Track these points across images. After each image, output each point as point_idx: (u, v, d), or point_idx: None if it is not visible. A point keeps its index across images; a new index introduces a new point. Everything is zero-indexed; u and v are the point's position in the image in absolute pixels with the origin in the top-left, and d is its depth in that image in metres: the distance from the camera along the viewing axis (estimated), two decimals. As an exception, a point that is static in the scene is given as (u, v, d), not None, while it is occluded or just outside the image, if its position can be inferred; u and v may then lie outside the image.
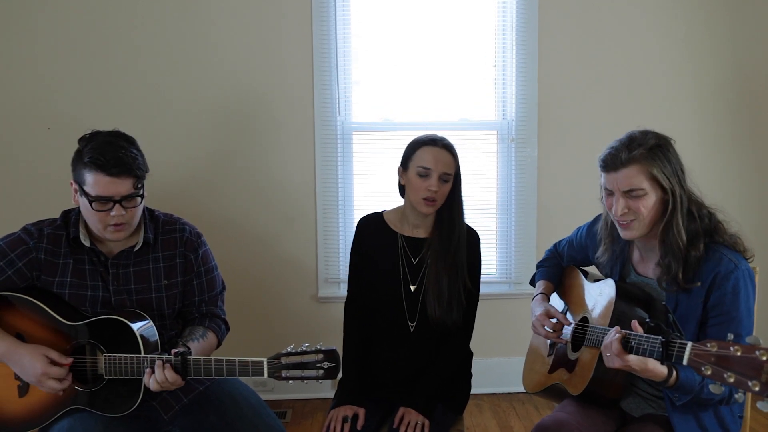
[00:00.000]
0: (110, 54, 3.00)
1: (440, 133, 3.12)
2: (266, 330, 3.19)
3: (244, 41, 3.04)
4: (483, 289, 3.20)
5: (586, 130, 3.13)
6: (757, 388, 1.24)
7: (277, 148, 3.11)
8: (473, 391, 3.24)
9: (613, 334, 1.54)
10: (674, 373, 1.53)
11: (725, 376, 1.29)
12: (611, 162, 1.65)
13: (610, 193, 1.69)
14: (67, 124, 2.96)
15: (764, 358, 1.24)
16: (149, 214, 1.92)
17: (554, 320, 1.92)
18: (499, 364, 3.28)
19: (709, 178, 3.10)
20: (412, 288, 2.02)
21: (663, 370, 1.51)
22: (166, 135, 3.05)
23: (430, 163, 1.94)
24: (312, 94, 3.08)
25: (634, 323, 1.53)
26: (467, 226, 2.08)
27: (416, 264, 2.03)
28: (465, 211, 2.06)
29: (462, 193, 2.04)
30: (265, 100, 3.08)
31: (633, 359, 1.49)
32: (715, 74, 3.17)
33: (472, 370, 3.18)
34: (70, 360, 1.70)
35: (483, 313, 3.28)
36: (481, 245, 3.16)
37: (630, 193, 1.64)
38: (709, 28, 3.14)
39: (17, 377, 1.74)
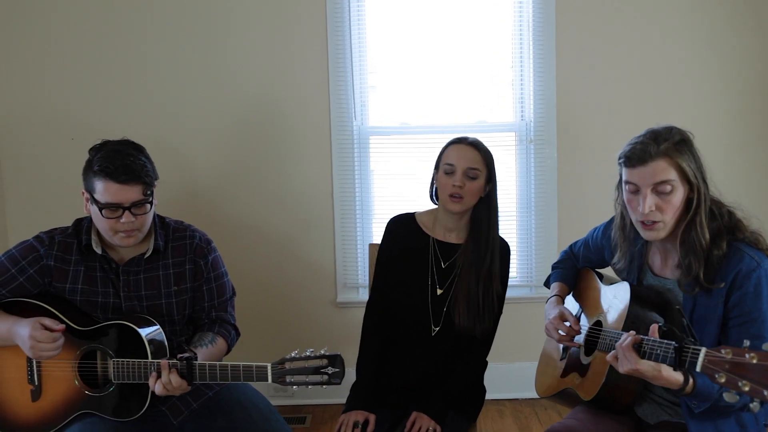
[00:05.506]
0: (130, 66, 3.06)
1: (458, 136, 3.15)
2: (285, 336, 3.20)
3: (260, 47, 3.06)
4: (503, 293, 3.24)
5: (606, 130, 3.07)
6: None
7: (294, 154, 3.12)
8: (495, 396, 3.24)
9: (627, 338, 1.49)
10: (690, 380, 1.47)
11: (740, 384, 1.24)
12: (640, 155, 1.58)
13: (634, 191, 1.62)
14: (90, 134, 3.00)
15: None
16: (160, 221, 1.94)
17: (568, 324, 1.88)
18: (520, 368, 3.21)
19: (735, 178, 3.06)
20: (439, 292, 2.01)
21: (678, 377, 1.46)
22: (185, 143, 3.09)
23: (454, 159, 1.96)
24: (328, 99, 3.09)
25: (653, 327, 1.47)
26: (501, 237, 2.07)
27: (445, 268, 2.02)
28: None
29: (498, 202, 2.04)
30: (281, 106, 3.09)
31: (645, 365, 1.44)
32: (741, 70, 3.06)
33: (494, 375, 3.16)
34: (62, 326, 1.71)
35: (504, 317, 3.23)
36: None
37: (658, 188, 1.58)
38: (733, 24, 3.04)
39: (30, 381, 1.77)
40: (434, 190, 2.06)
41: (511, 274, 3.13)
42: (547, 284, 2.13)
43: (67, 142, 3.08)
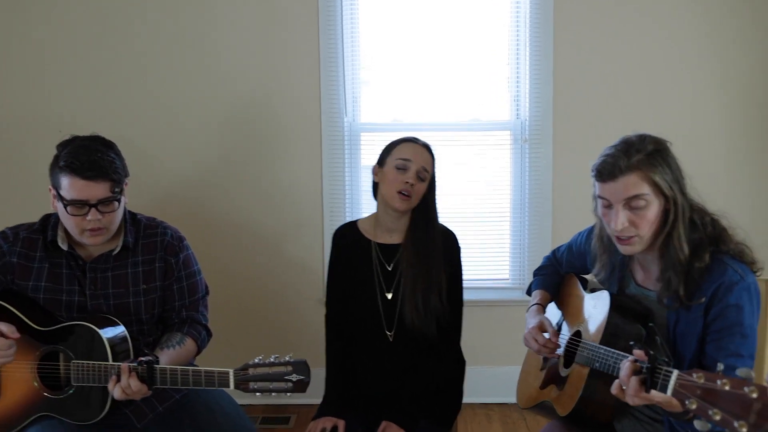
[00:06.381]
0: (117, 61, 3.02)
1: (452, 134, 3.10)
2: (271, 335, 3.16)
3: (250, 41, 3.01)
4: (495, 296, 3.18)
5: (603, 130, 2.97)
6: (744, 430, 1.08)
7: (283, 150, 3.07)
8: (484, 400, 3.18)
9: (627, 368, 1.35)
10: None
11: (710, 412, 1.14)
12: (609, 170, 1.51)
13: (608, 206, 1.55)
14: (79, 130, 2.98)
15: (754, 396, 1.08)
16: (131, 217, 1.89)
17: (547, 334, 1.81)
18: (510, 372, 3.08)
19: (735, 183, 2.96)
20: (389, 296, 1.96)
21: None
22: (172, 139, 3.05)
23: (410, 155, 1.92)
24: (319, 94, 3.03)
25: (641, 353, 1.35)
26: (444, 227, 2.02)
27: (391, 271, 1.97)
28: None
29: (436, 200, 2.00)
30: (270, 100, 3.04)
31: (657, 395, 1.29)
32: (742, 70, 2.97)
33: (483, 379, 3.11)
34: (17, 335, 1.65)
35: (495, 320, 3.21)
36: (492, 249, 3.14)
37: (631, 203, 1.50)
38: (735, 22, 2.94)
39: (-11, 382, 1.73)
40: (375, 186, 2.01)
41: (503, 277, 3.18)
42: (528, 292, 2.06)
43: (54, 137, 3.03)
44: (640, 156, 1.49)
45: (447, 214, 2.97)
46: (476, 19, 3.03)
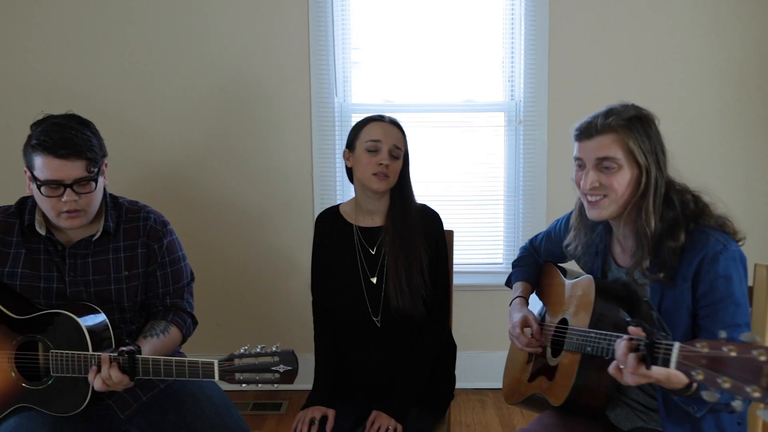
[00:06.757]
0: (102, 39, 2.93)
1: (445, 115, 3.03)
2: (260, 320, 3.11)
3: (239, 18, 2.93)
4: (489, 280, 3.13)
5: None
6: (757, 395, 1.04)
7: (273, 131, 3.00)
8: (478, 385, 3.16)
9: (623, 346, 1.29)
10: None
11: (719, 381, 1.10)
12: (585, 129, 1.52)
13: (580, 166, 1.54)
14: (58, 110, 2.90)
15: (763, 359, 1.04)
16: (112, 201, 1.82)
17: (531, 329, 1.76)
18: (504, 357, 3.11)
19: (731, 164, 2.92)
20: (374, 280, 1.90)
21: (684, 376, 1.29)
22: (159, 119, 2.98)
23: (380, 135, 1.85)
24: (309, 74, 2.96)
25: (637, 330, 1.31)
26: (426, 207, 1.96)
27: (374, 255, 1.91)
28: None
29: (411, 177, 1.94)
30: (259, 80, 2.96)
31: (657, 371, 1.24)
32: (742, 51, 2.91)
33: (478, 364, 3.07)
34: None
35: (489, 304, 3.17)
36: (485, 233, 3.09)
37: (602, 164, 1.49)
38: (735, 4, 2.88)
39: (-34, 374, 1.67)
40: (349, 171, 1.94)
41: (496, 260, 3.14)
42: (508, 284, 2.01)
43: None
44: (619, 119, 1.50)
45: (440, 197, 2.96)
46: (470, -3, 2.95)
